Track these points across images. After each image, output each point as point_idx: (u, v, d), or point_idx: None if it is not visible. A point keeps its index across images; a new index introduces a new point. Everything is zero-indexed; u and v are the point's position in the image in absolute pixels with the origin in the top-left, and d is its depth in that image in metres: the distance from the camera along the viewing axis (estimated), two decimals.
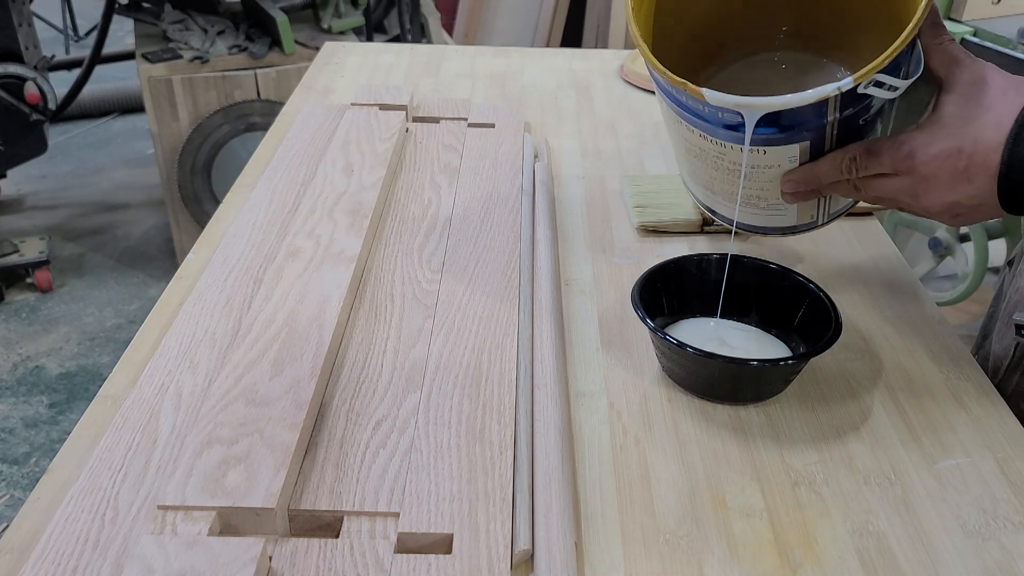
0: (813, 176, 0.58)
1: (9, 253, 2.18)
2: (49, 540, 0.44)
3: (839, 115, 0.55)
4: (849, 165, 0.56)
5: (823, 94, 0.53)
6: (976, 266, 1.77)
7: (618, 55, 1.17)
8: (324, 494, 0.47)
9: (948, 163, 0.52)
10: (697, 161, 0.64)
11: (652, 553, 0.46)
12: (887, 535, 0.47)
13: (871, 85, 0.54)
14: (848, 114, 0.56)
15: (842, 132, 0.57)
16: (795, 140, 0.57)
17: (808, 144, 0.57)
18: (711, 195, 0.68)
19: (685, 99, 0.58)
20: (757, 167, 0.60)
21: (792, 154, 0.58)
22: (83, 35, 3.64)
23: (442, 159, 0.83)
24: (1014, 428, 0.55)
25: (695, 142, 0.62)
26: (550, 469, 0.49)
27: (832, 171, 0.57)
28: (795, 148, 0.58)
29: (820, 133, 0.57)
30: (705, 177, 0.65)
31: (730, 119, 0.56)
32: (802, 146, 0.57)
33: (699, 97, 0.56)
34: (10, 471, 1.69)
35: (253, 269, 0.65)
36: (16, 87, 2.03)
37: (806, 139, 0.57)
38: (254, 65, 2.02)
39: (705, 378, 0.56)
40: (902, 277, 0.70)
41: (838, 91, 0.53)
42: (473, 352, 0.57)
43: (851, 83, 0.53)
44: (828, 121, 0.56)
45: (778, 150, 0.58)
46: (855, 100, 0.55)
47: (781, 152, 0.58)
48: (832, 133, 0.57)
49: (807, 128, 0.56)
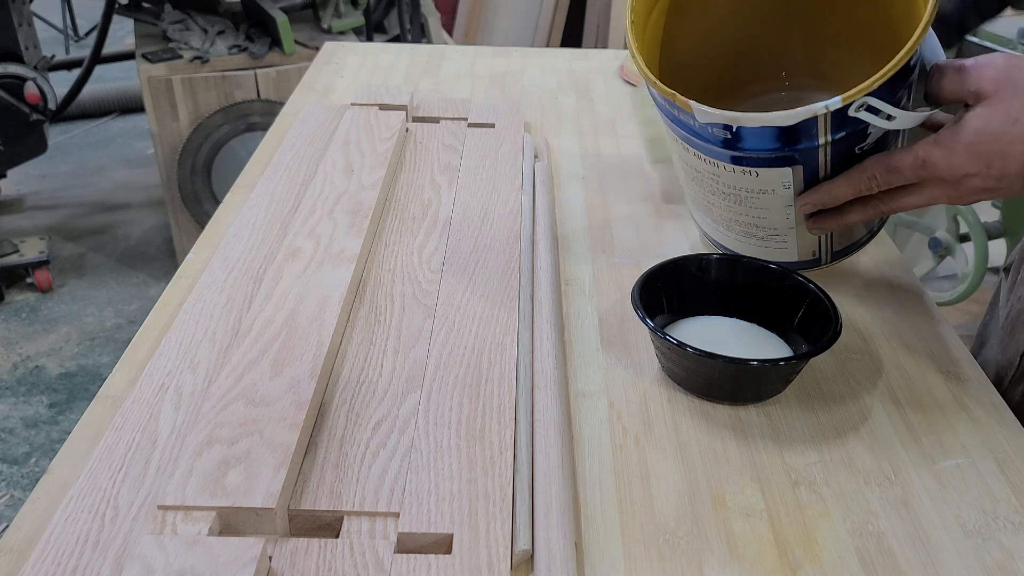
0: (831, 196, 0.57)
1: (9, 253, 2.18)
2: (49, 540, 0.44)
3: (831, 138, 0.55)
4: (868, 183, 0.55)
5: (811, 112, 0.53)
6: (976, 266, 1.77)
7: (618, 55, 1.17)
8: (324, 494, 0.47)
9: (974, 159, 0.51)
10: (696, 185, 0.64)
11: (652, 553, 0.46)
12: (887, 535, 0.47)
13: (863, 109, 0.53)
14: (840, 138, 0.55)
15: (836, 158, 0.56)
16: (786, 163, 0.57)
17: (801, 168, 0.57)
18: (712, 224, 0.67)
19: (678, 114, 0.58)
20: (751, 191, 0.60)
21: (785, 178, 0.58)
22: (83, 35, 3.65)
23: (442, 159, 0.83)
24: (1014, 428, 0.55)
25: (692, 163, 0.62)
26: (550, 469, 0.49)
27: (848, 189, 0.56)
28: (787, 171, 0.57)
29: (812, 156, 0.56)
30: (704, 202, 0.65)
31: (720, 135, 0.56)
32: (795, 169, 0.57)
33: (687, 109, 0.56)
34: (10, 471, 1.69)
35: (253, 269, 0.65)
36: (16, 87, 2.03)
37: (798, 162, 0.56)
38: (254, 65, 2.02)
39: (705, 378, 0.56)
40: (902, 277, 0.70)
41: (826, 110, 0.53)
42: (473, 352, 0.57)
43: (839, 103, 0.52)
44: (820, 144, 0.55)
45: (770, 172, 0.57)
46: (846, 123, 0.54)
47: (773, 175, 0.58)
48: (826, 158, 0.56)
49: (798, 150, 0.55)
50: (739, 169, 0.58)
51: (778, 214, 0.61)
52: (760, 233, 0.64)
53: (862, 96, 0.52)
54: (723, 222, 0.65)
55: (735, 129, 0.55)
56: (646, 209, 0.79)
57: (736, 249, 0.68)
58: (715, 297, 0.62)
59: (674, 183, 0.83)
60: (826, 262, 0.67)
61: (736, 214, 0.63)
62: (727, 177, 0.60)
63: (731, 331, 0.61)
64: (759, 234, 0.64)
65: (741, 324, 0.61)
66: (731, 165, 0.58)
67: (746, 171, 0.58)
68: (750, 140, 0.56)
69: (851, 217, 0.58)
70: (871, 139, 0.57)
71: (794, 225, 0.62)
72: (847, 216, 0.59)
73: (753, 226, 0.63)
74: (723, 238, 0.68)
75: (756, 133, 0.55)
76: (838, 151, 0.56)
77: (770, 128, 0.55)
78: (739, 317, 0.62)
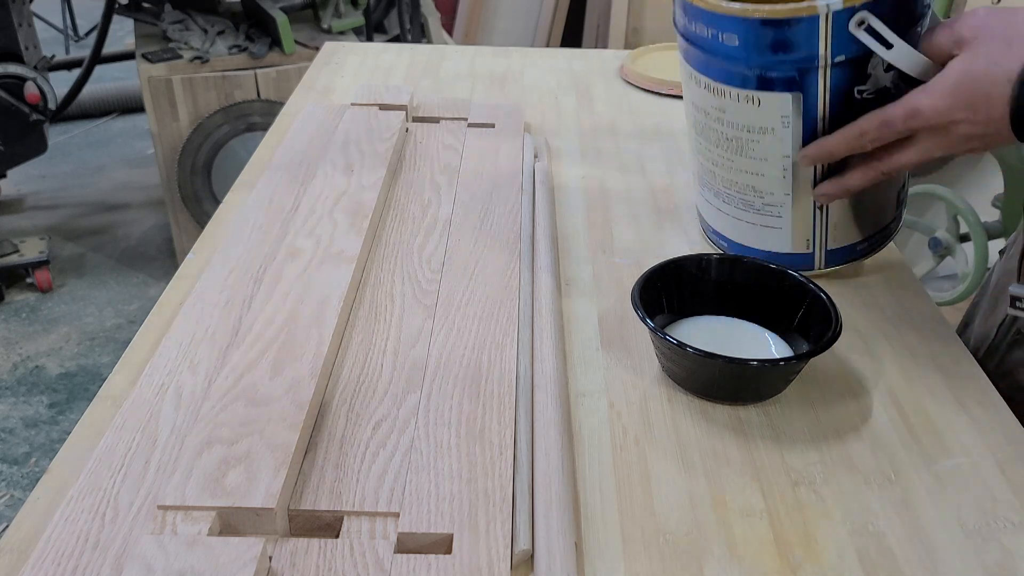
0: (825, 150, 0.59)
1: (9, 253, 2.18)
2: (49, 540, 0.44)
3: (831, 57, 0.57)
4: (861, 138, 0.57)
5: (811, 7, 0.55)
6: (976, 266, 1.77)
7: (618, 55, 1.17)
8: (324, 494, 0.47)
9: (959, 103, 0.52)
10: (702, 140, 0.66)
11: (652, 553, 0.46)
12: (887, 535, 0.47)
13: (862, 29, 0.55)
14: (840, 63, 0.57)
15: (835, 95, 0.59)
16: (788, 87, 0.59)
17: (800, 99, 0.59)
18: (714, 200, 0.68)
19: (694, 26, 0.61)
20: (752, 131, 0.62)
21: (785, 110, 0.60)
22: (83, 35, 3.65)
23: (442, 159, 0.83)
24: (1014, 428, 0.55)
25: (702, 104, 0.64)
26: (550, 469, 0.49)
27: (842, 143, 0.58)
28: (787, 100, 0.59)
29: (813, 82, 0.58)
30: (708, 165, 0.67)
31: (729, 41, 0.59)
32: (794, 98, 0.59)
33: (705, 6, 0.59)
34: (10, 471, 1.69)
35: (253, 269, 0.65)
36: (16, 87, 2.03)
37: (798, 88, 0.59)
38: (254, 65, 2.02)
39: (705, 378, 0.56)
40: (902, 277, 0.70)
41: (828, 8, 0.55)
42: (473, 352, 0.57)
43: (840, 4, 0.55)
44: (820, 64, 0.57)
45: (771, 100, 0.60)
46: (847, 43, 0.56)
47: (774, 105, 0.60)
48: (825, 90, 0.59)
49: (799, 67, 0.58)
50: (743, 97, 0.60)
51: (775, 170, 0.63)
52: (757, 203, 0.66)
53: (862, 2, 0.55)
54: (723, 192, 0.67)
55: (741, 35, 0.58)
56: (646, 209, 0.79)
57: (732, 234, 0.69)
58: (715, 297, 0.62)
59: (674, 183, 0.83)
60: (820, 263, 0.68)
61: (736, 174, 0.65)
62: (732, 113, 0.62)
63: (731, 331, 0.61)
64: (756, 203, 0.66)
65: (741, 324, 0.61)
66: (736, 91, 0.60)
67: (750, 97, 0.60)
68: (753, 43, 0.58)
69: (852, 180, 0.60)
70: (871, 84, 0.58)
71: (790, 192, 0.64)
72: (848, 180, 0.60)
73: (751, 190, 0.65)
74: (721, 221, 0.69)
75: (760, 37, 0.57)
76: (837, 85, 0.58)
77: (772, 30, 0.57)
78: (739, 317, 0.62)
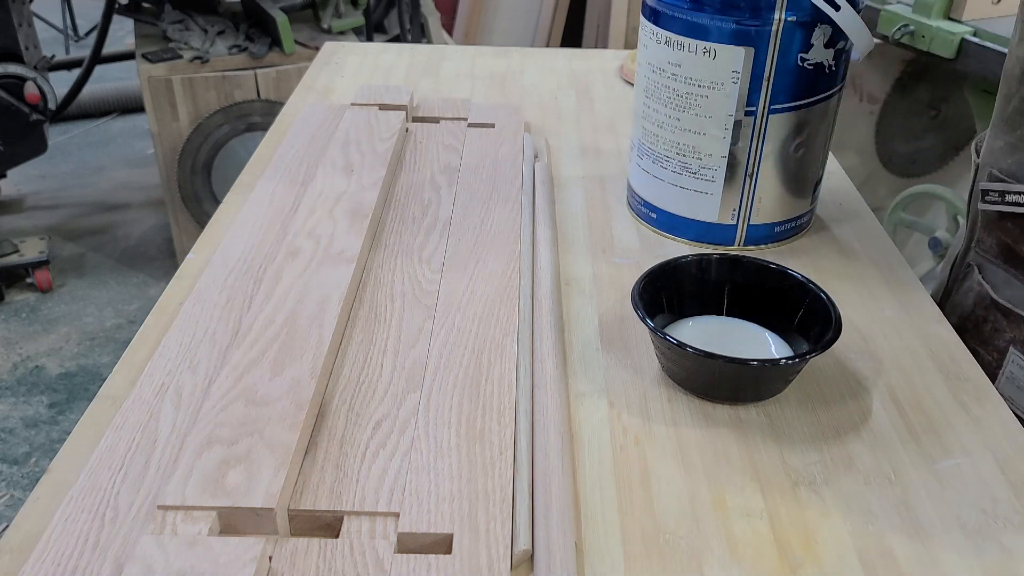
0: None
1: (9, 253, 2.18)
2: (49, 540, 0.44)
3: (784, 16, 0.62)
4: None
5: None
6: None
7: (618, 55, 1.17)
8: (324, 494, 0.47)
9: None
10: (651, 101, 0.71)
11: (652, 553, 0.46)
12: (887, 535, 0.47)
13: None
14: (791, 23, 0.62)
15: (782, 56, 0.63)
16: (742, 40, 0.63)
17: (752, 54, 0.64)
18: (648, 164, 0.73)
19: None
20: (703, 86, 0.66)
21: (736, 65, 0.64)
22: (83, 35, 3.64)
23: (442, 159, 0.83)
24: (1014, 428, 0.55)
25: (656, 59, 0.68)
26: (550, 469, 0.49)
27: None
28: (740, 54, 0.64)
29: (764, 39, 0.63)
30: (653, 124, 0.71)
31: None
32: (747, 52, 0.64)
33: None
34: (10, 471, 1.69)
35: (253, 269, 0.65)
36: (16, 87, 2.03)
37: (752, 42, 0.63)
38: (254, 65, 2.02)
39: (705, 378, 0.56)
40: (902, 277, 0.70)
41: None
42: (473, 352, 0.57)
43: None
44: (775, 15, 0.62)
45: (726, 53, 0.64)
46: (800, 2, 0.61)
47: (727, 59, 0.64)
48: (774, 50, 0.63)
49: (756, 25, 0.62)
50: (699, 49, 0.65)
51: (718, 128, 0.67)
52: (694, 165, 0.69)
53: None
54: (663, 156, 0.71)
55: None
56: None
57: (663, 202, 0.73)
58: (715, 297, 0.62)
59: None
60: (740, 238, 0.72)
61: (679, 134, 0.69)
62: (687, 67, 0.66)
63: (731, 331, 0.61)
64: (693, 166, 0.69)
65: (741, 324, 0.61)
66: (695, 42, 0.65)
67: (707, 49, 0.65)
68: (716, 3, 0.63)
69: None
70: (812, 55, 0.64)
71: (726, 154, 0.68)
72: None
73: (691, 151, 0.69)
74: (653, 190, 0.73)
75: None
76: (785, 46, 0.63)
77: None
78: (739, 317, 0.62)
